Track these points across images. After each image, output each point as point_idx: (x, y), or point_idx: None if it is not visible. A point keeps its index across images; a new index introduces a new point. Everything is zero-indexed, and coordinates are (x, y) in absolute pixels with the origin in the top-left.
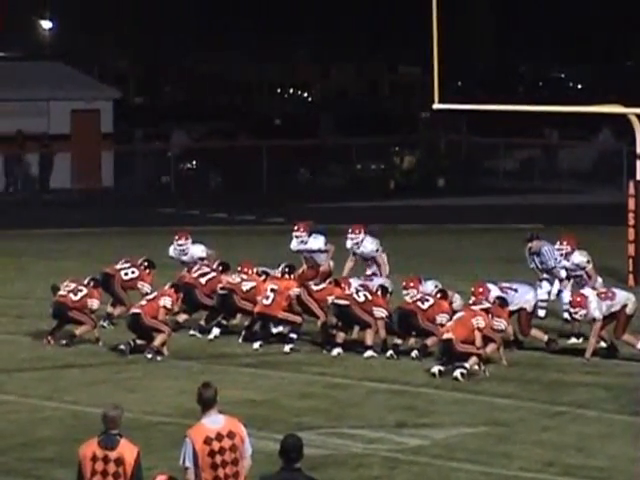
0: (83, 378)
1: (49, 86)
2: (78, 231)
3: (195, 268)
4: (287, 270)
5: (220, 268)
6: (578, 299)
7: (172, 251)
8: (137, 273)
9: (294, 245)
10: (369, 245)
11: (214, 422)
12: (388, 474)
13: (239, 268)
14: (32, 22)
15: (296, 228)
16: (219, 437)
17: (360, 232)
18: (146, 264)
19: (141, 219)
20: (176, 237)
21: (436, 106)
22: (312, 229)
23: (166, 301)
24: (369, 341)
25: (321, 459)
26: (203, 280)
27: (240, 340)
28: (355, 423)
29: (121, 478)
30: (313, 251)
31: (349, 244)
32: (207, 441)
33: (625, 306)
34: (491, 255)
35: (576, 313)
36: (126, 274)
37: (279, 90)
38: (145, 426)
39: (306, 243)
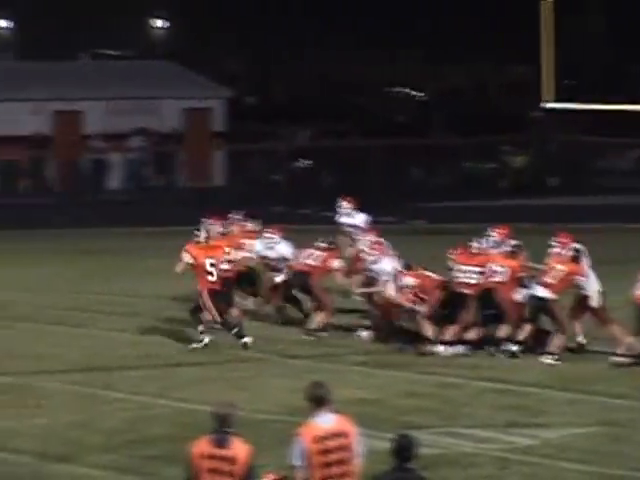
0: (193, 376)
1: (161, 85)
2: (185, 229)
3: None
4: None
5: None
6: None
7: (259, 244)
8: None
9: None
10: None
11: (325, 421)
12: (499, 474)
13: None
14: (145, 21)
15: (269, 234)
16: (330, 436)
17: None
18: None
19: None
20: (268, 231)
21: (548, 105)
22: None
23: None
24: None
25: (432, 458)
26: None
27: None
28: (465, 422)
29: (233, 477)
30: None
31: None
32: (318, 440)
33: None
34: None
35: None
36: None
37: (390, 90)
38: (255, 424)
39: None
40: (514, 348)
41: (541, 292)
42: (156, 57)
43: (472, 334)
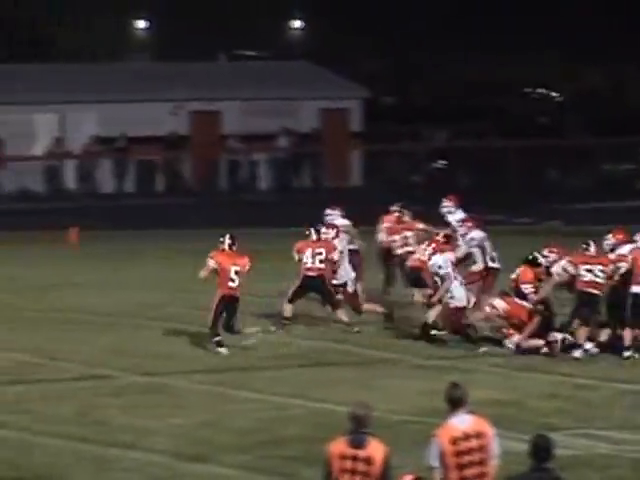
0: (327, 376)
1: (299, 85)
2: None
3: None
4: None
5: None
6: None
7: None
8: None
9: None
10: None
11: (462, 422)
12: (635, 476)
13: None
14: (283, 22)
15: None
16: (466, 437)
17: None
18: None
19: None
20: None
21: None
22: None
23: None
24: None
25: (569, 460)
26: None
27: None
28: (602, 424)
29: (370, 477)
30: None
31: None
32: (454, 441)
33: None
34: None
35: None
36: None
37: (528, 90)
38: (391, 425)
39: None
40: None
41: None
42: (293, 57)
43: (603, 335)
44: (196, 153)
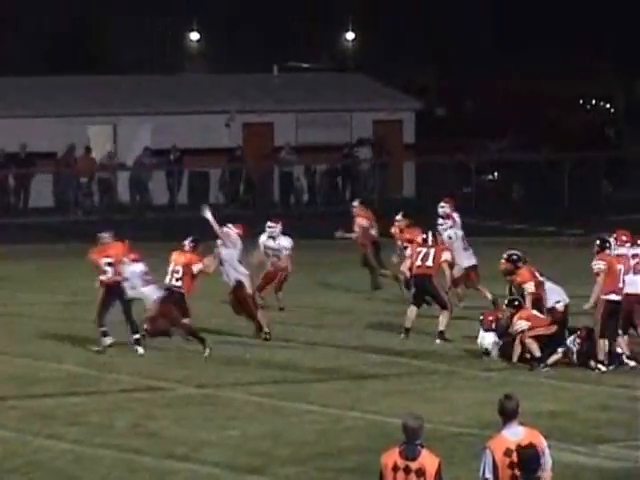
0: (383, 388)
1: (351, 97)
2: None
3: None
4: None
5: None
6: None
7: (263, 237)
8: None
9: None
10: None
11: (514, 434)
12: None
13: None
14: (336, 34)
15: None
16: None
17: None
18: None
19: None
20: (270, 222)
21: None
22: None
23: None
24: None
25: (620, 472)
26: None
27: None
28: None
29: None
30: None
31: None
32: (507, 453)
33: None
34: None
35: None
36: None
37: (581, 102)
38: (445, 437)
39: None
40: None
41: None
42: (347, 69)
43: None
44: (249, 165)
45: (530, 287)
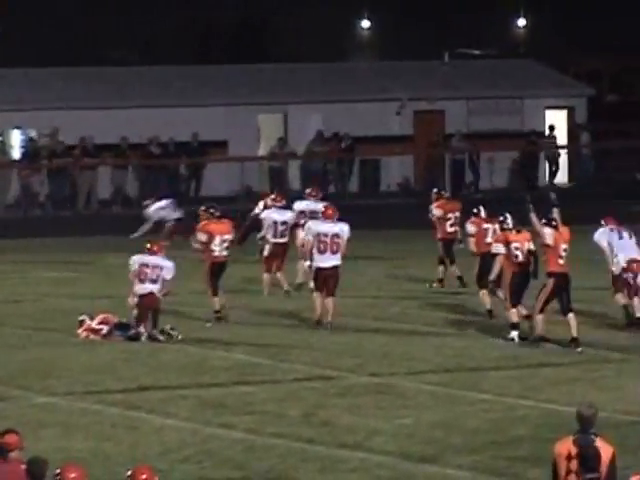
0: (556, 377)
1: (523, 84)
2: None
3: None
4: None
5: None
6: None
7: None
8: None
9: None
10: None
11: None
12: None
13: None
14: (507, 20)
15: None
16: None
17: None
18: None
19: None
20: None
21: None
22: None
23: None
24: None
25: None
26: None
27: None
28: None
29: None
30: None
31: None
32: None
33: None
34: None
35: None
36: None
37: None
38: (619, 425)
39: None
40: None
41: None
42: (518, 56)
43: None
44: (419, 153)
45: None
